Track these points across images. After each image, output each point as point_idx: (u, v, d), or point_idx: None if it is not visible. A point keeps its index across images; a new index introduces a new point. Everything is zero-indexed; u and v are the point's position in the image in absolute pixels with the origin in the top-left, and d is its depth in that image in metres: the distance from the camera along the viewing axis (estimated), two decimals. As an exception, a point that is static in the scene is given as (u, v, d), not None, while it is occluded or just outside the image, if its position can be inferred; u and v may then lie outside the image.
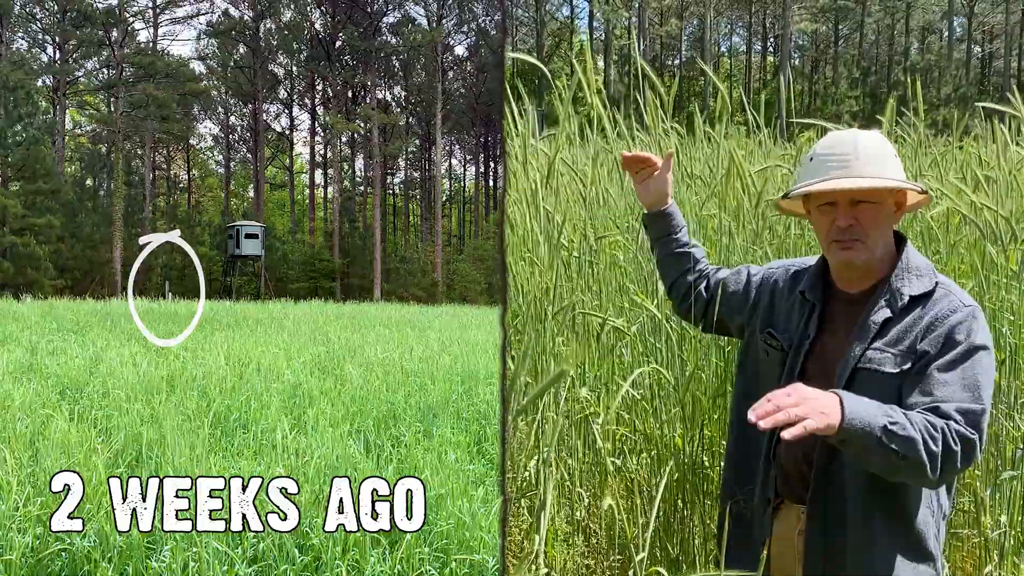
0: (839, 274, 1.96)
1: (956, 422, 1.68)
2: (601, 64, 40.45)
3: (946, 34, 43.71)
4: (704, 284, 2.27)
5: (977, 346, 1.76)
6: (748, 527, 2.03)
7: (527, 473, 2.79)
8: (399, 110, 44.84)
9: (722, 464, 2.82)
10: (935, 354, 1.77)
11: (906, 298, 1.84)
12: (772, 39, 49.30)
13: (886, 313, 1.84)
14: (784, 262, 2.18)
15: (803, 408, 1.55)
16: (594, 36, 45.25)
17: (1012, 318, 2.95)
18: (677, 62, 48.30)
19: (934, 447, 1.64)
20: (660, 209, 2.29)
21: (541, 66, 2.44)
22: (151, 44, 39.06)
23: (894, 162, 1.89)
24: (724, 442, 2.81)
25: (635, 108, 3.25)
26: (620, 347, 3.13)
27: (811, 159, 1.91)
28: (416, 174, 50.31)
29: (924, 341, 1.79)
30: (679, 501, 2.80)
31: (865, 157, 1.85)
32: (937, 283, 1.86)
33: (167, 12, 39.53)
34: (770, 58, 50.07)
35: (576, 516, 2.96)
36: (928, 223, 3.38)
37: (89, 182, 40.20)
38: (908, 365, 1.79)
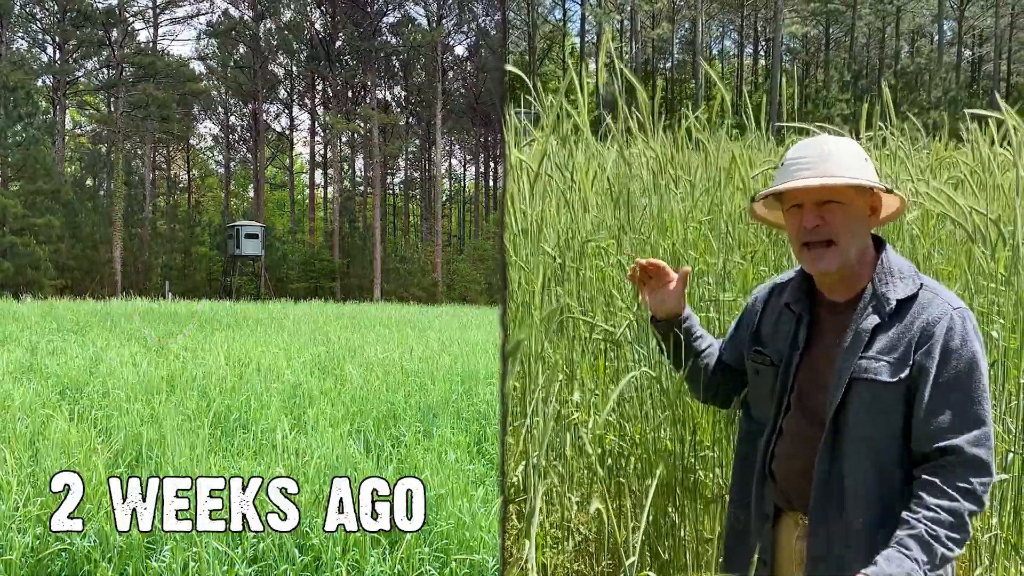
0: (821, 282, 1.94)
1: (965, 470, 1.77)
2: (593, 67, 40.47)
3: (936, 37, 43.68)
4: (720, 367, 2.17)
5: (973, 357, 1.77)
6: (746, 538, 2.04)
7: (515, 479, 2.79)
8: (399, 110, 44.85)
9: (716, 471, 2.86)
10: (933, 368, 1.76)
11: (893, 303, 1.82)
12: (763, 42, 49.33)
13: (875, 320, 1.82)
14: (766, 283, 2.14)
15: None
16: (586, 39, 45.31)
17: (1002, 321, 2.96)
18: (669, 65, 48.36)
19: (964, 532, 1.74)
20: (676, 318, 2.13)
21: (524, 76, 2.47)
22: (151, 44, 39.11)
23: (864, 165, 1.87)
24: (716, 447, 2.84)
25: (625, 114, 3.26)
26: (609, 350, 3.14)
27: (782, 164, 1.91)
28: (416, 174, 50.34)
29: (919, 352, 1.78)
30: (669, 506, 2.80)
31: (833, 159, 1.84)
32: (922, 285, 1.84)
33: (167, 12, 39.63)
34: (761, 61, 50.11)
35: (566, 520, 2.97)
36: (912, 230, 3.39)
37: (89, 182, 40.22)
38: (905, 373, 1.78)
